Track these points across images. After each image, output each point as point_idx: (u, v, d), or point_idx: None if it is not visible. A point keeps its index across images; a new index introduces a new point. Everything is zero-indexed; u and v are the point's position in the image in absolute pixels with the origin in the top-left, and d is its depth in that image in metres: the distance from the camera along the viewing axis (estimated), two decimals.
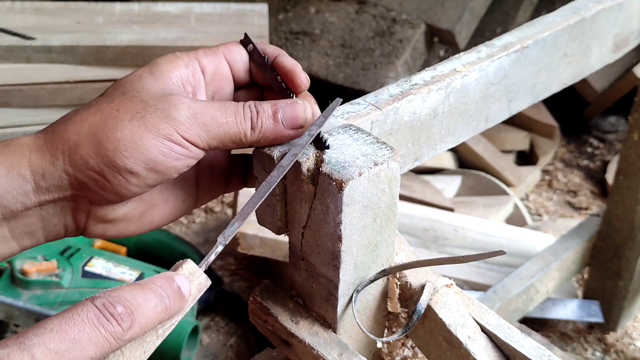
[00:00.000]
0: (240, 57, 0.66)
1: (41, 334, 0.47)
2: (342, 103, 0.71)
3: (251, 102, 0.61)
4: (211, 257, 0.57)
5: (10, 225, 0.58)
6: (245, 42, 0.67)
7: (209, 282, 0.56)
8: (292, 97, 0.64)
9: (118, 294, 0.50)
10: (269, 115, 0.61)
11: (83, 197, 0.59)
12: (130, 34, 1.84)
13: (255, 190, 0.67)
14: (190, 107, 0.58)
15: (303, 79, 0.65)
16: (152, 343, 0.53)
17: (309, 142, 0.62)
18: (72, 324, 0.47)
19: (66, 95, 1.80)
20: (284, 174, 0.61)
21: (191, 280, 0.55)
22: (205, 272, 0.56)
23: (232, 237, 0.58)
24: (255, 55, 0.66)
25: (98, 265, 1.52)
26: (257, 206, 0.60)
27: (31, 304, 1.39)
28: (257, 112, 0.61)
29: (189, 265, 0.55)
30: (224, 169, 0.69)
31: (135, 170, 0.57)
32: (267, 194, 0.60)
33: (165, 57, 0.63)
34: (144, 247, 1.68)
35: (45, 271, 1.46)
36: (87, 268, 1.51)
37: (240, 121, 0.60)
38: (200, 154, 0.60)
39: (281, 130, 0.61)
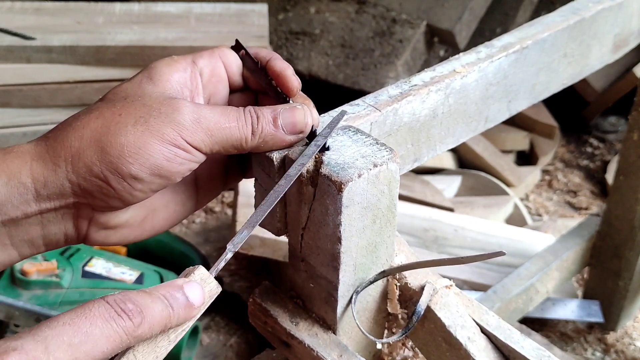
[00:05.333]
0: (235, 60, 0.66)
1: (54, 327, 0.47)
2: (342, 103, 0.71)
3: (251, 107, 0.61)
4: (221, 264, 0.56)
5: (10, 232, 0.57)
6: (237, 47, 0.66)
7: (219, 289, 0.55)
8: (289, 102, 0.64)
9: (127, 293, 0.50)
10: (269, 121, 0.61)
11: (85, 204, 0.58)
12: (130, 34, 1.84)
13: (256, 192, 0.67)
14: (194, 112, 0.58)
15: (294, 82, 0.64)
16: (165, 348, 0.53)
17: (316, 152, 0.62)
18: (84, 318, 0.48)
19: (66, 95, 1.80)
20: (292, 182, 0.61)
21: (203, 286, 0.54)
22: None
23: (241, 244, 0.57)
24: (247, 61, 0.65)
25: (98, 265, 1.52)
26: (265, 215, 0.59)
27: (31, 304, 1.39)
28: (258, 117, 0.60)
29: (200, 271, 0.55)
30: (222, 166, 0.68)
31: (140, 176, 0.57)
32: (276, 202, 0.60)
33: (163, 61, 0.63)
34: (144, 247, 1.68)
35: (45, 271, 1.46)
36: (87, 268, 1.51)
37: (242, 126, 0.60)
38: (203, 158, 0.59)
39: (281, 136, 0.61)
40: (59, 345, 0.46)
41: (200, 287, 0.54)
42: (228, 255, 0.56)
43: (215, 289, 0.55)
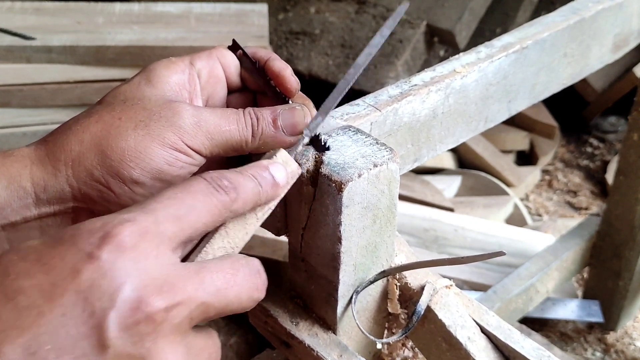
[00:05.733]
0: (233, 60, 0.66)
1: (161, 201, 0.48)
2: (341, 103, 0.71)
3: (250, 109, 0.61)
4: (299, 147, 0.60)
5: (9, 236, 0.57)
6: (234, 47, 0.66)
7: (300, 170, 0.58)
8: (288, 102, 0.64)
9: (221, 172, 0.52)
10: (268, 122, 0.61)
11: (84, 208, 0.58)
12: (130, 34, 1.83)
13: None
14: (194, 115, 0.58)
15: (293, 83, 0.64)
16: (253, 225, 0.55)
17: (387, 36, 0.68)
18: (187, 192, 0.49)
19: (66, 95, 1.80)
20: (368, 62, 0.66)
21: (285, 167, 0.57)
22: None
23: (316, 128, 0.62)
24: (245, 61, 0.65)
25: None
26: (343, 95, 0.64)
27: None
28: (257, 119, 0.61)
29: (282, 154, 0.57)
30: (221, 167, 0.68)
31: (142, 181, 0.57)
32: (347, 88, 0.63)
33: (161, 63, 0.63)
34: None
35: None
36: None
37: (242, 128, 0.60)
38: (203, 161, 0.60)
39: (281, 137, 0.61)
40: (166, 217, 0.47)
41: (283, 167, 0.56)
42: (305, 139, 0.60)
43: (296, 170, 0.58)
